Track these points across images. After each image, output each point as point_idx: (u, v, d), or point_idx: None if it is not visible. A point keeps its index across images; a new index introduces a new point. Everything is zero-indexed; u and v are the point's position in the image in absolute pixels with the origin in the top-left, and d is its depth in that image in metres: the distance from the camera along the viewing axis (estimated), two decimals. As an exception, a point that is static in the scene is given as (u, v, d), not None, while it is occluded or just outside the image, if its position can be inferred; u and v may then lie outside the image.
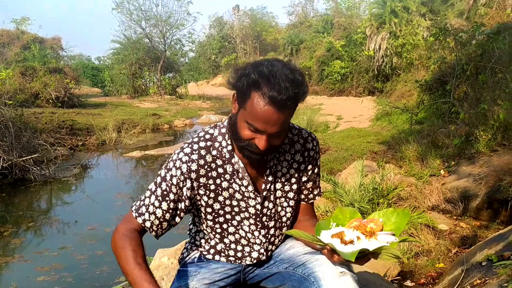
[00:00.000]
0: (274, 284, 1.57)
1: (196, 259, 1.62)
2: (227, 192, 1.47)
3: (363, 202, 3.88)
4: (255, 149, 1.34)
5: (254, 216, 1.51)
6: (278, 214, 1.56)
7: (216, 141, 1.46)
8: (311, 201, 1.65)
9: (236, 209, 1.50)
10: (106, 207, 6.55)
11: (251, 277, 1.63)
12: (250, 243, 1.55)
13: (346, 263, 1.33)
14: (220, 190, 1.47)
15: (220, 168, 1.45)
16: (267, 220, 1.54)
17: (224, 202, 1.49)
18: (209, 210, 1.49)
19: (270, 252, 1.59)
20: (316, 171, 1.61)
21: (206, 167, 1.43)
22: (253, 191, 1.48)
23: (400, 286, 2.99)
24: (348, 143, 8.03)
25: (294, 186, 1.56)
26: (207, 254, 1.60)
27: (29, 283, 4.11)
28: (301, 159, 1.55)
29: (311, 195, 1.64)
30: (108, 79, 23.74)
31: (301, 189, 1.60)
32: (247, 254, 1.56)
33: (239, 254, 1.56)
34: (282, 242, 1.63)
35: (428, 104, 8.18)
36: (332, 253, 1.30)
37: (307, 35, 25.70)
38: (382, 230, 1.32)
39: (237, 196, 1.48)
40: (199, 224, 1.58)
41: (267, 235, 1.55)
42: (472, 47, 6.75)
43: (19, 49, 22.36)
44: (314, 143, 1.58)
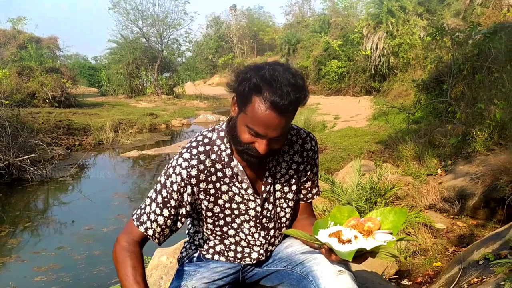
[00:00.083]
0: (273, 283, 1.58)
1: (195, 259, 1.62)
2: (226, 195, 1.46)
3: (360, 201, 3.89)
4: (255, 153, 1.33)
5: (254, 218, 1.51)
6: (278, 215, 1.56)
7: (215, 145, 1.44)
8: (310, 200, 1.65)
9: (236, 212, 1.49)
10: (103, 207, 6.53)
11: (250, 275, 1.63)
12: (250, 245, 1.55)
13: (344, 262, 1.32)
14: (219, 193, 1.46)
15: (220, 172, 1.44)
16: (267, 221, 1.53)
17: (224, 205, 1.48)
18: (209, 214, 1.49)
19: (269, 253, 1.59)
20: (314, 170, 1.61)
21: (205, 172, 1.42)
22: (252, 194, 1.47)
23: (397, 285, 3.00)
24: (345, 142, 8.04)
25: (293, 187, 1.56)
26: (206, 254, 1.60)
27: (26, 283, 4.10)
28: (300, 160, 1.54)
29: (310, 195, 1.64)
30: (105, 79, 23.67)
31: (299, 189, 1.60)
32: (247, 255, 1.56)
33: (239, 255, 1.56)
34: (281, 242, 1.63)
35: (425, 103, 8.20)
36: (329, 252, 1.31)
37: (304, 35, 25.70)
38: (379, 229, 1.32)
39: (236, 199, 1.47)
40: (199, 226, 1.57)
41: (267, 236, 1.55)
42: (469, 47, 6.77)
43: (15, 48, 22.25)
44: (313, 143, 1.57)
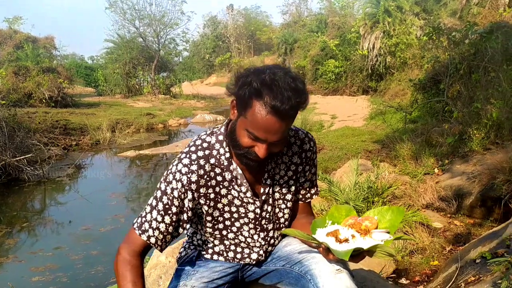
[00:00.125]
0: (272, 281, 1.58)
1: (194, 258, 1.62)
2: (226, 199, 1.46)
3: (358, 200, 3.90)
4: (255, 156, 1.32)
5: (253, 221, 1.50)
6: (276, 215, 1.56)
7: (214, 149, 1.43)
8: (309, 200, 1.65)
9: (235, 215, 1.49)
10: (100, 207, 6.53)
11: (249, 274, 1.63)
12: (250, 246, 1.55)
13: (341, 261, 1.33)
14: (219, 197, 1.45)
15: (219, 176, 1.43)
16: (266, 223, 1.53)
17: (223, 209, 1.47)
18: (208, 218, 1.48)
19: (269, 253, 1.60)
20: (313, 171, 1.61)
21: (205, 176, 1.41)
22: (251, 197, 1.47)
23: (395, 284, 3.01)
24: (343, 142, 8.05)
25: (292, 188, 1.56)
26: (206, 254, 1.60)
27: (24, 284, 4.09)
28: (298, 161, 1.54)
29: (308, 195, 1.64)
30: (102, 79, 23.63)
31: (298, 189, 1.60)
32: (247, 256, 1.56)
33: (239, 255, 1.57)
34: (280, 241, 1.63)
35: (422, 103, 8.22)
36: (327, 251, 1.31)
37: (301, 35, 25.72)
38: (377, 228, 1.33)
39: (236, 202, 1.47)
40: (197, 228, 1.57)
41: (266, 237, 1.55)
42: (465, 46, 6.79)
43: (11, 48, 22.18)
44: (311, 143, 1.56)
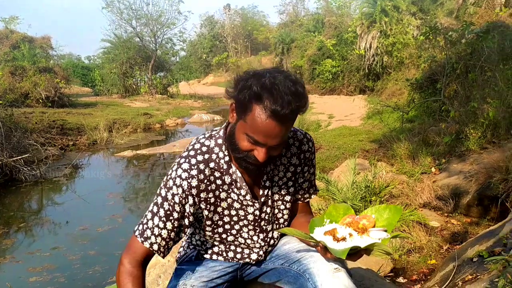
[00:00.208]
0: (271, 280, 1.58)
1: (193, 258, 1.62)
2: (225, 202, 1.45)
3: (355, 200, 3.91)
4: (254, 160, 1.31)
5: (252, 222, 1.50)
6: (276, 216, 1.56)
7: (213, 153, 1.42)
8: (307, 199, 1.65)
9: (235, 218, 1.49)
10: (98, 207, 6.51)
11: (248, 273, 1.64)
12: (250, 247, 1.55)
13: (339, 260, 1.33)
14: (219, 201, 1.44)
15: (219, 180, 1.42)
16: (265, 224, 1.53)
17: (223, 212, 1.47)
18: (208, 222, 1.48)
19: (268, 253, 1.60)
20: (311, 171, 1.60)
21: (205, 181, 1.40)
22: (251, 199, 1.46)
23: (393, 283, 3.01)
24: (340, 141, 8.06)
25: (291, 189, 1.55)
26: (205, 253, 1.60)
27: (21, 284, 4.08)
28: (297, 162, 1.53)
29: (307, 194, 1.64)
30: (99, 79, 23.58)
31: (297, 189, 1.60)
32: (246, 256, 1.57)
33: (238, 255, 1.57)
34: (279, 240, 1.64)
35: (419, 102, 8.24)
36: (325, 250, 1.31)
37: (298, 34, 25.72)
38: (374, 226, 1.33)
39: (235, 205, 1.47)
40: (196, 231, 1.57)
41: (266, 238, 1.55)
42: (462, 46, 6.82)
43: (8, 48, 22.12)
44: (310, 144, 1.55)
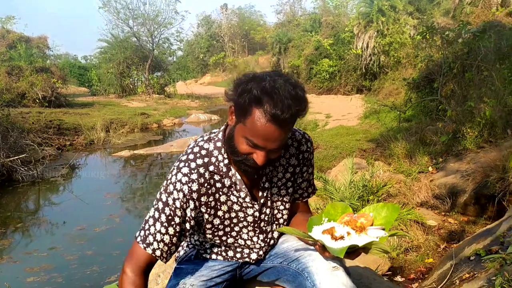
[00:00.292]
0: (270, 278, 1.59)
1: (192, 257, 1.62)
2: (225, 205, 1.45)
3: (353, 199, 3.92)
4: (253, 163, 1.31)
5: (252, 224, 1.51)
6: (275, 217, 1.56)
7: (212, 156, 1.41)
8: (306, 199, 1.65)
9: (235, 220, 1.49)
10: (95, 207, 6.50)
11: (247, 272, 1.64)
12: (250, 248, 1.56)
13: (338, 258, 1.34)
14: (219, 205, 1.44)
15: (218, 183, 1.42)
16: (265, 225, 1.53)
17: (223, 216, 1.47)
18: (208, 226, 1.48)
19: (268, 252, 1.60)
20: (310, 170, 1.60)
21: (206, 184, 1.39)
22: (250, 201, 1.46)
23: (390, 281, 3.02)
24: (337, 141, 8.08)
25: (290, 189, 1.55)
26: (204, 253, 1.60)
27: (18, 284, 4.07)
28: (296, 163, 1.53)
29: (306, 194, 1.64)
30: (96, 78, 23.51)
31: (296, 189, 1.60)
32: (246, 256, 1.57)
33: (238, 255, 1.57)
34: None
35: (416, 102, 8.25)
36: (323, 249, 1.32)
37: (295, 34, 25.70)
38: (372, 224, 1.34)
39: (235, 207, 1.47)
40: (196, 233, 1.56)
41: (265, 239, 1.55)
42: (459, 46, 6.83)
43: (4, 48, 21.99)
44: (308, 144, 1.55)
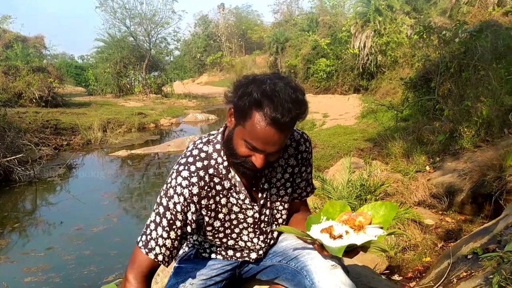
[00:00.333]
0: (269, 277, 1.59)
1: (192, 256, 1.62)
2: (226, 208, 1.45)
3: (351, 198, 3.92)
4: (251, 166, 1.31)
5: (252, 225, 1.51)
6: (274, 217, 1.56)
7: (211, 158, 1.41)
8: (305, 198, 1.66)
9: (235, 222, 1.49)
10: (92, 207, 6.48)
11: (246, 270, 1.65)
12: (250, 248, 1.56)
13: (336, 257, 1.34)
14: (219, 207, 1.44)
15: (218, 185, 1.42)
16: (265, 226, 1.54)
17: (224, 218, 1.47)
18: (209, 228, 1.48)
19: (267, 252, 1.61)
20: (309, 170, 1.60)
21: (206, 187, 1.39)
22: (250, 203, 1.46)
23: (388, 280, 3.03)
24: (335, 140, 8.08)
25: (289, 190, 1.56)
26: (204, 252, 1.61)
27: (16, 284, 4.06)
28: (294, 163, 1.53)
29: (304, 193, 1.64)
30: (92, 78, 23.45)
31: (294, 189, 1.60)
32: (246, 255, 1.58)
33: (238, 254, 1.58)
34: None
35: (413, 101, 8.27)
36: (322, 247, 1.32)
37: (293, 34, 25.71)
38: (370, 223, 1.34)
39: (235, 209, 1.47)
40: (196, 234, 1.56)
41: (266, 239, 1.56)
42: (456, 45, 6.84)
43: (1, 48, 21.96)
44: (307, 144, 1.55)
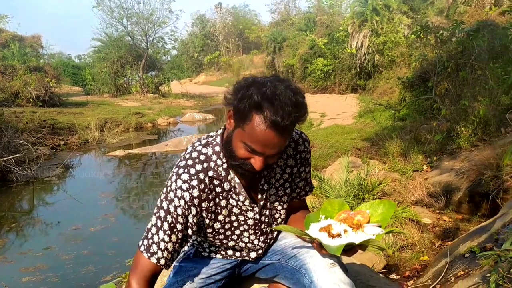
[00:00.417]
0: (268, 275, 1.60)
1: (191, 255, 1.62)
2: (226, 209, 1.45)
3: (348, 197, 3.92)
4: (250, 168, 1.30)
5: (253, 227, 1.51)
6: (273, 217, 1.56)
7: (211, 161, 1.40)
8: (303, 197, 1.66)
9: (235, 223, 1.49)
10: (90, 206, 6.48)
11: (245, 269, 1.65)
12: (250, 249, 1.56)
13: (335, 255, 1.34)
14: (219, 209, 1.44)
15: (218, 188, 1.41)
16: (265, 227, 1.54)
17: (224, 220, 1.47)
18: (209, 230, 1.48)
19: (266, 250, 1.61)
20: (307, 170, 1.60)
21: (206, 190, 1.39)
22: (250, 204, 1.46)
23: (386, 279, 3.04)
24: (332, 140, 8.09)
25: (288, 190, 1.56)
26: (203, 251, 1.61)
27: (14, 284, 4.05)
28: (293, 163, 1.53)
29: (303, 192, 1.64)
30: (90, 78, 23.40)
31: (293, 188, 1.60)
32: (245, 255, 1.58)
33: (238, 254, 1.58)
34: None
35: (410, 101, 8.28)
36: (320, 246, 1.33)
37: (290, 33, 25.71)
38: (369, 221, 1.35)
39: (235, 211, 1.47)
40: (197, 236, 1.56)
41: (266, 239, 1.56)
42: (453, 45, 6.86)
43: (-3, 47, 21.87)
44: (306, 144, 1.54)
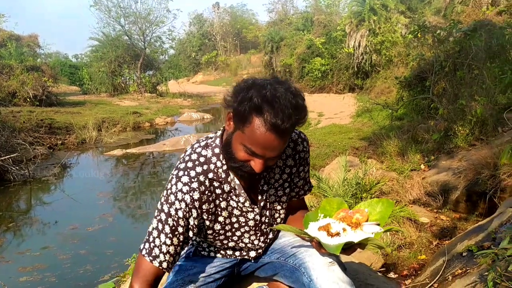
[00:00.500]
0: (267, 274, 1.60)
1: (191, 254, 1.63)
2: (226, 211, 1.45)
3: (346, 196, 3.93)
4: (250, 170, 1.30)
5: (253, 228, 1.51)
6: (273, 217, 1.57)
7: (211, 163, 1.40)
8: (302, 196, 1.66)
9: (236, 225, 1.49)
10: (87, 206, 6.48)
11: (245, 267, 1.66)
12: (250, 249, 1.57)
13: (334, 254, 1.34)
14: (219, 210, 1.44)
15: (218, 189, 1.42)
16: (266, 227, 1.54)
17: (224, 221, 1.47)
18: (210, 231, 1.48)
19: (266, 249, 1.62)
20: (306, 169, 1.60)
21: (207, 192, 1.39)
22: (250, 205, 1.46)
23: (385, 277, 3.04)
24: (330, 139, 8.10)
25: (287, 189, 1.56)
26: (203, 250, 1.61)
27: (12, 284, 4.05)
28: (292, 163, 1.53)
29: (302, 192, 1.64)
30: (87, 77, 23.32)
31: (292, 188, 1.60)
32: (245, 254, 1.58)
33: (237, 253, 1.58)
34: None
35: (408, 100, 8.29)
36: (319, 245, 1.33)
37: (287, 33, 25.68)
38: (367, 220, 1.36)
39: (235, 212, 1.47)
40: (196, 237, 1.56)
41: (266, 240, 1.57)
42: (450, 44, 6.87)
43: (-6, 46, 21.82)
44: (305, 144, 1.54)
